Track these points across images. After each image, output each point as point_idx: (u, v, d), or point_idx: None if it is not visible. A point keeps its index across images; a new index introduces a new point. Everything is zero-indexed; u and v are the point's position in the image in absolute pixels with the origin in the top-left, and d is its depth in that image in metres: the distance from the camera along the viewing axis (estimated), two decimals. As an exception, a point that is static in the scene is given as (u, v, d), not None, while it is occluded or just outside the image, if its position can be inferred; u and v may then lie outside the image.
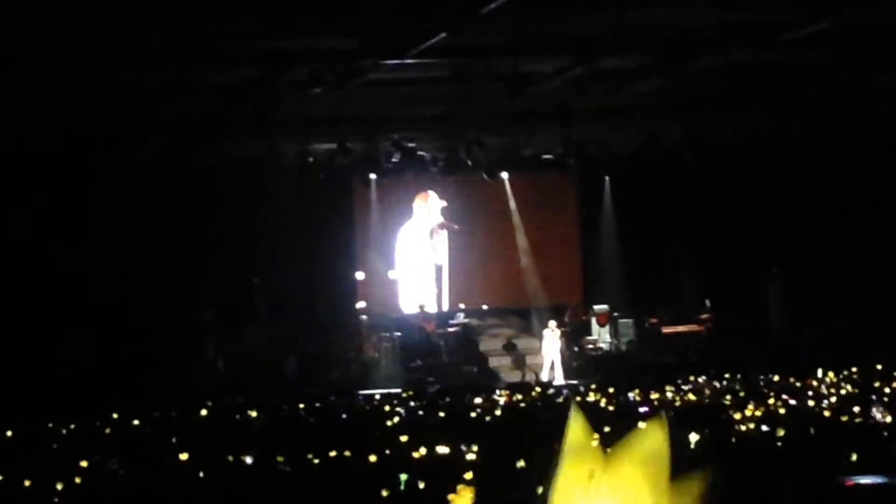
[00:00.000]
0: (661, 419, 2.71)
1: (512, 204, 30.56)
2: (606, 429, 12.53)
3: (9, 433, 16.05)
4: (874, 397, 16.72)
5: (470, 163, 28.22)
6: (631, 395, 20.53)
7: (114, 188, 25.17)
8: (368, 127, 25.76)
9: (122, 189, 25.25)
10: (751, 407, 16.03)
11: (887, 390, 18.39)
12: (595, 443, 2.86)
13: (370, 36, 18.76)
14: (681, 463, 2.92)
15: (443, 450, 12.56)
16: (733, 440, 12.29)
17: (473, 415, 17.28)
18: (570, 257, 31.19)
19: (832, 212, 27.76)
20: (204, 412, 19.74)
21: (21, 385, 21.69)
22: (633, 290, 29.64)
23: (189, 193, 26.33)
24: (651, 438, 2.81)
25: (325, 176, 27.89)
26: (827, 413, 14.58)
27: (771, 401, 17.42)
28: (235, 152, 26.60)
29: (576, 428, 2.88)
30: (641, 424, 2.90)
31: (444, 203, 30.61)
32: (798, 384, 20.96)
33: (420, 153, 28.11)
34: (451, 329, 29.31)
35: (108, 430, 16.99)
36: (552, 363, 27.78)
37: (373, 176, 29.15)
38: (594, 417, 14.83)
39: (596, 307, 30.07)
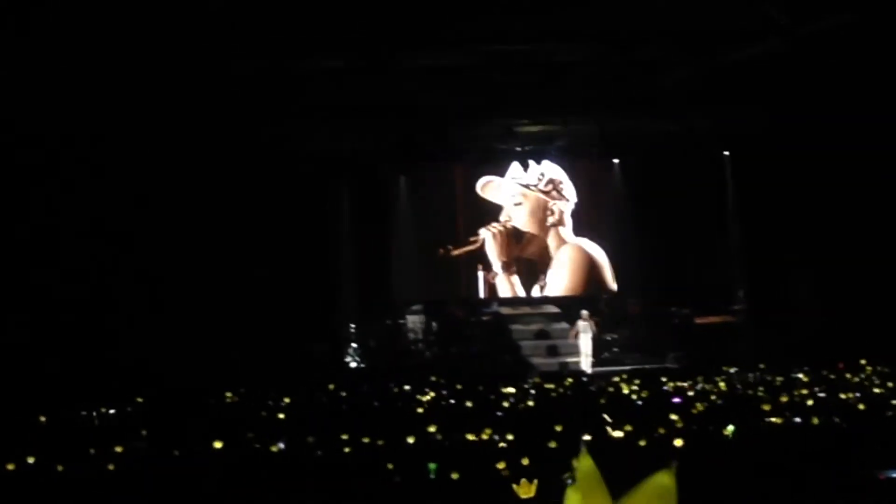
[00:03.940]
0: (671, 469, 2.58)
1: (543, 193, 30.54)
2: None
3: (42, 418, 16.14)
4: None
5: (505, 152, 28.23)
6: (663, 384, 20.46)
7: (138, 178, 25.17)
8: (401, 115, 25.73)
9: (148, 181, 25.26)
10: (783, 398, 15.94)
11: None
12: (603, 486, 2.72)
13: (402, 24, 18.74)
14: None
15: (474, 438, 12.55)
16: (766, 432, 12.21)
17: (506, 403, 17.24)
18: (604, 246, 31.08)
19: (865, 204, 27.50)
20: (235, 398, 19.83)
21: (51, 372, 21.79)
22: (666, 280, 29.54)
23: (219, 183, 26.31)
24: (660, 490, 2.67)
25: (357, 164, 27.90)
26: (861, 406, 14.46)
27: (804, 392, 17.31)
28: (263, 141, 26.57)
29: (585, 469, 2.73)
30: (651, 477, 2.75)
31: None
32: (832, 376, 20.83)
33: (453, 142, 28.14)
34: (483, 317, 29.31)
35: (136, 416, 17.05)
36: (585, 352, 27.75)
37: (405, 165, 29.18)
38: (625, 408, 14.83)
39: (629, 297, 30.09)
